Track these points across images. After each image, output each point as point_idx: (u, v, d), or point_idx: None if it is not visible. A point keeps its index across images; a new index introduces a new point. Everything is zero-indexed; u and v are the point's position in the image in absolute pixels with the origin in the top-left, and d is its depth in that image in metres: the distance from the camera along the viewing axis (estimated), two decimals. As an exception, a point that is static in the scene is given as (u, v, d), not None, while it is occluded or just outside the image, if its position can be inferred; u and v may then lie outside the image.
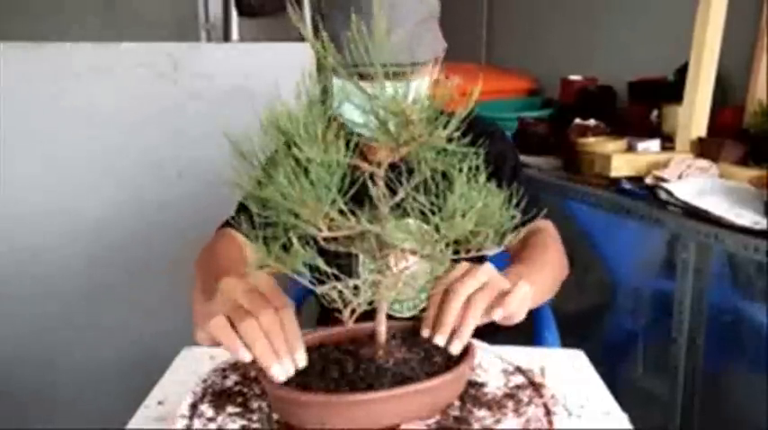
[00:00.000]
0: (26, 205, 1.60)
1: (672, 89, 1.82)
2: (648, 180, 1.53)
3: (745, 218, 1.29)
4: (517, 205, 0.67)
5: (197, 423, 0.70)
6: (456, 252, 0.69)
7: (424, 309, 1.11)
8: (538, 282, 0.86)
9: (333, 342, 0.76)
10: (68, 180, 1.63)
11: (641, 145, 1.70)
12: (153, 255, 1.71)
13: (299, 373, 0.68)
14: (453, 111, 0.64)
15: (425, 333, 0.75)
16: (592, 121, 1.90)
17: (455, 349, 0.72)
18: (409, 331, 0.78)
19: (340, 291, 0.67)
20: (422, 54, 0.97)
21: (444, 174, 0.66)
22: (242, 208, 1.09)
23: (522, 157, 1.94)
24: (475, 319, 0.73)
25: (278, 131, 0.63)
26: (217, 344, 0.69)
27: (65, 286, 1.66)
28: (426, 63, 1.00)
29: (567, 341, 1.19)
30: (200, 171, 1.70)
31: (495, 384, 0.79)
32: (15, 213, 1.59)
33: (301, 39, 2.47)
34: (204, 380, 0.80)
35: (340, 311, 0.68)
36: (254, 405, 0.74)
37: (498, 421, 0.70)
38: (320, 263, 0.65)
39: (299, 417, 0.66)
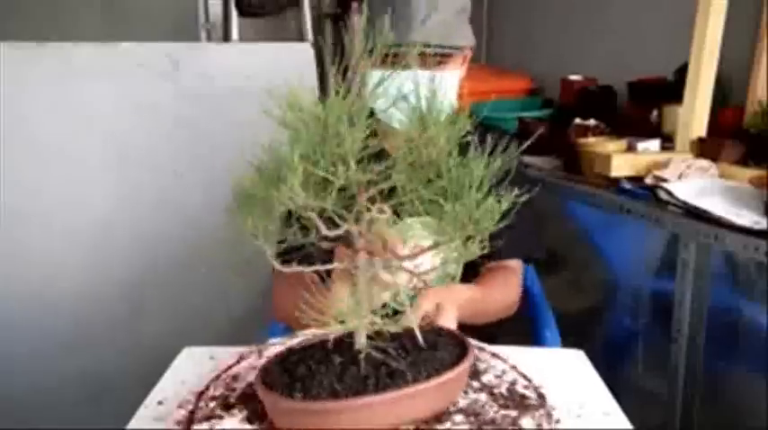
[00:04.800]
0: (25, 205, 1.60)
1: (672, 89, 1.82)
2: (648, 180, 1.53)
3: (745, 218, 1.29)
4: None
5: (197, 422, 0.70)
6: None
7: None
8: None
9: (319, 343, 0.75)
10: (68, 180, 1.63)
11: (641, 145, 1.70)
12: (152, 254, 1.71)
13: (289, 377, 0.68)
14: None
15: None
16: (592, 121, 1.90)
17: None
18: (406, 335, 0.78)
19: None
20: (458, 40, 1.03)
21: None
22: None
23: (522, 157, 1.94)
24: None
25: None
26: None
27: (64, 285, 1.66)
28: (462, 50, 1.06)
29: (567, 341, 1.19)
30: (200, 171, 1.70)
31: (494, 385, 0.78)
32: (14, 213, 1.59)
33: (301, 39, 2.48)
34: (205, 378, 0.80)
35: None
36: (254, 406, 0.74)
37: (498, 421, 0.70)
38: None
39: (297, 423, 0.65)
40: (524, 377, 0.80)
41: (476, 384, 0.78)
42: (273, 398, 0.66)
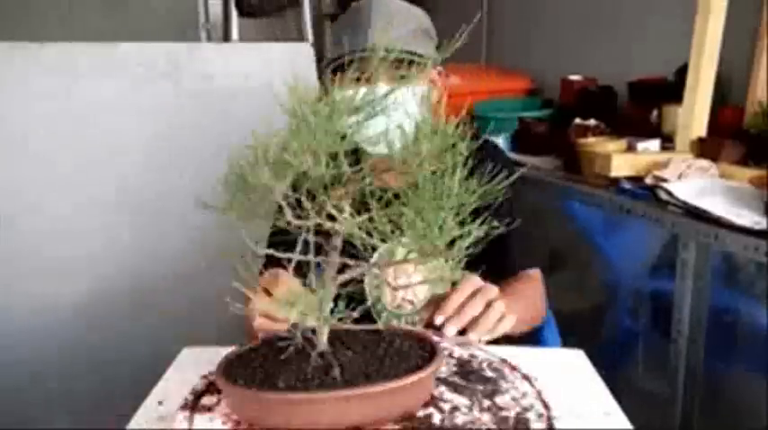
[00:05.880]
0: (25, 205, 1.60)
1: (672, 89, 1.82)
2: (648, 180, 1.53)
3: (745, 218, 1.29)
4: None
5: (197, 422, 0.70)
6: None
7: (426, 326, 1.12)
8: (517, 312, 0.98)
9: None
10: (68, 180, 1.63)
11: (641, 145, 1.70)
12: (153, 254, 1.71)
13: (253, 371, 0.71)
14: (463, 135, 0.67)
15: (439, 319, 0.88)
16: (592, 121, 1.90)
17: (449, 332, 0.87)
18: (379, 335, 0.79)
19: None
20: (418, 49, 1.02)
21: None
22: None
23: (522, 157, 1.94)
24: (473, 312, 0.88)
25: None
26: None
27: (64, 286, 1.66)
28: (424, 60, 1.02)
29: (567, 341, 1.19)
30: (200, 171, 1.70)
31: (505, 407, 0.77)
32: (14, 213, 1.59)
33: (301, 39, 2.48)
34: (205, 377, 0.80)
35: None
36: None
37: (498, 421, 0.70)
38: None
39: (261, 417, 0.67)
40: (544, 405, 0.75)
41: (486, 402, 0.74)
42: (234, 390, 0.68)
